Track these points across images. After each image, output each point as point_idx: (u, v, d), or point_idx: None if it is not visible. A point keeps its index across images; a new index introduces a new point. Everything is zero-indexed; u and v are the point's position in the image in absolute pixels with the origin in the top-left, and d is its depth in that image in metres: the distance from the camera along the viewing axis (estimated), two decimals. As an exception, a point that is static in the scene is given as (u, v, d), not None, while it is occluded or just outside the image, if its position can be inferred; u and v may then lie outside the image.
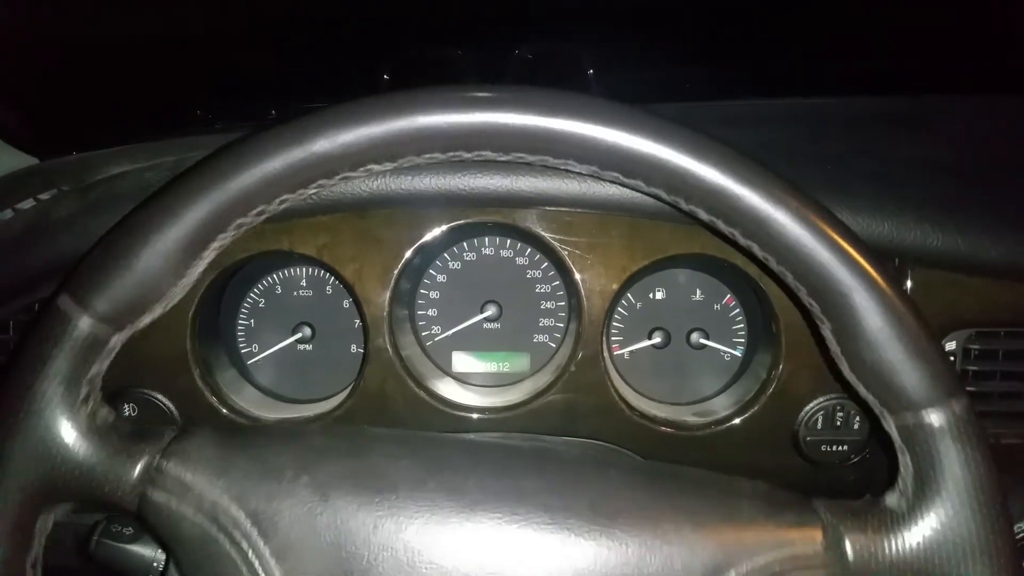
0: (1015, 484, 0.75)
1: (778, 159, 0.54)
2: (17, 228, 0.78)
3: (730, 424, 0.77)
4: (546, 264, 0.85)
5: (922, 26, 1.11)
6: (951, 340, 0.76)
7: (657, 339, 0.85)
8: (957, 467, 0.46)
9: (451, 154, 0.48)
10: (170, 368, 0.76)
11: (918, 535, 0.47)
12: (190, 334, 0.75)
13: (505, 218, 0.75)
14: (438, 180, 0.71)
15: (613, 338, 0.86)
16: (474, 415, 0.78)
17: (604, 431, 0.78)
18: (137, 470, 0.50)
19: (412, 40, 1.16)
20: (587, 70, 1.11)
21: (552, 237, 0.75)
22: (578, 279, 0.75)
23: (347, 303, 0.86)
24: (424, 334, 0.87)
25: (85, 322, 0.49)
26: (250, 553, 0.48)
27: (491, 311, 0.85)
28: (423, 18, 1.17)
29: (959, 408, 0.47)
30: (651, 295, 0.86)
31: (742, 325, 0.86)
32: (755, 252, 0.49)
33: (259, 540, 0.48)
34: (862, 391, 0.49)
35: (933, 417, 0.46)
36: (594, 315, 0.75)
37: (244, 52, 1.15)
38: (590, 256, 0.75)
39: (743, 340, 0.86)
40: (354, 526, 0.48)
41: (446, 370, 0.86)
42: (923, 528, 0.47)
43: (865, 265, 0.46)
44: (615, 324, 0.86)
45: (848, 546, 0.48)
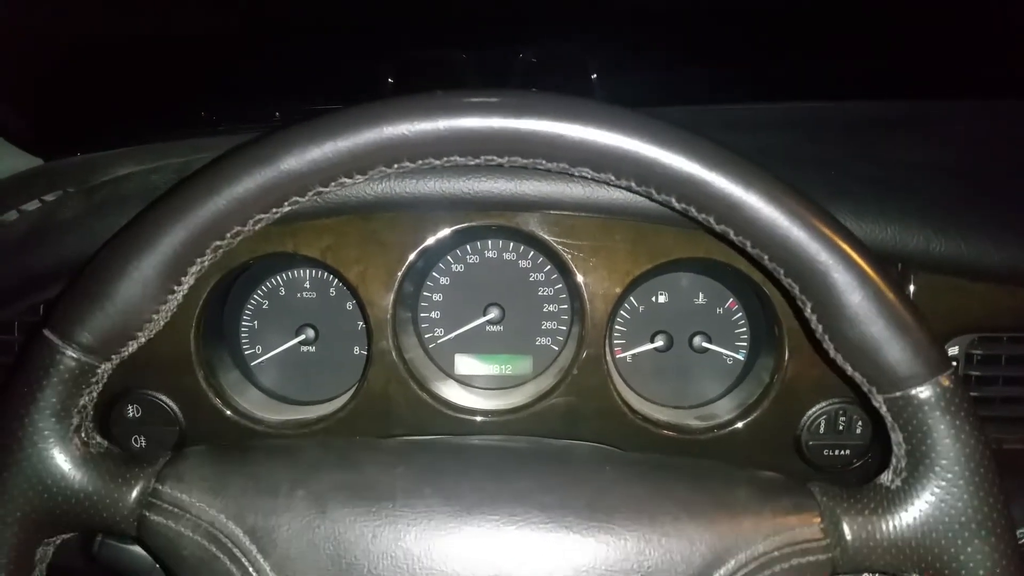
0: (1018, 489, 0.75)
1: (779, 163, 0.54)
2: (22, 229, 0.78)
3: (732, 428, 0.77)
4: (549, 267, 0.85)
5: (922, 30, 1.11)
6: (954, 345, 0.77)
7: (660, 342, 0.85)
8: (948, 441, 0.46)
9: (420, 162, 0.48)
10: (174, 369, 0.76)
11: (914, 512, 0.47)
12: (194, 335, 0.76)
13: (508, 221, 0.75)
14: (442, 183, 0.71)
15: (616, 341, 0.86)
16: (476, 418, 0.78)
17: (606, 434, 0.78)
18: (134, 495, 0.50)
19: (415, 42, 1.17)
20: (589, 74, 1.12)
21: (555, 240, 0.75)
22: (581, 282, 0.75)
23: (351, 305, 0.86)
24: (427, 336, 0.87)
25: (71, 355, 0.49)
26: (250, 569, 0.48)
27: (494, 314, 0.85)
28: (426, 20, 1.17)
29: (947, 382, 0.46)
30: (654, 298, 0.86)
31: (744, 329, 0.86)
32: (731, 237, 0.49)
33: (258, 556, 0.48)
34: (849, 370, 0.49)
35: (921, 392, 0.46)
36: (597, 318, 0.75)
37: (248, 53, 1.16)
38: (593, 259, 0.75)
39: (745, 344, 0.86)
40: (352, 536, 0.48)
41: (449, 372, 0.87)
42: (919, 505, 0.47)
43: (841, 243, 0.46)
44: (618, 327, 0.86)
45: (846, 528, 0.48)
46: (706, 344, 0.85)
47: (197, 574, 0.49)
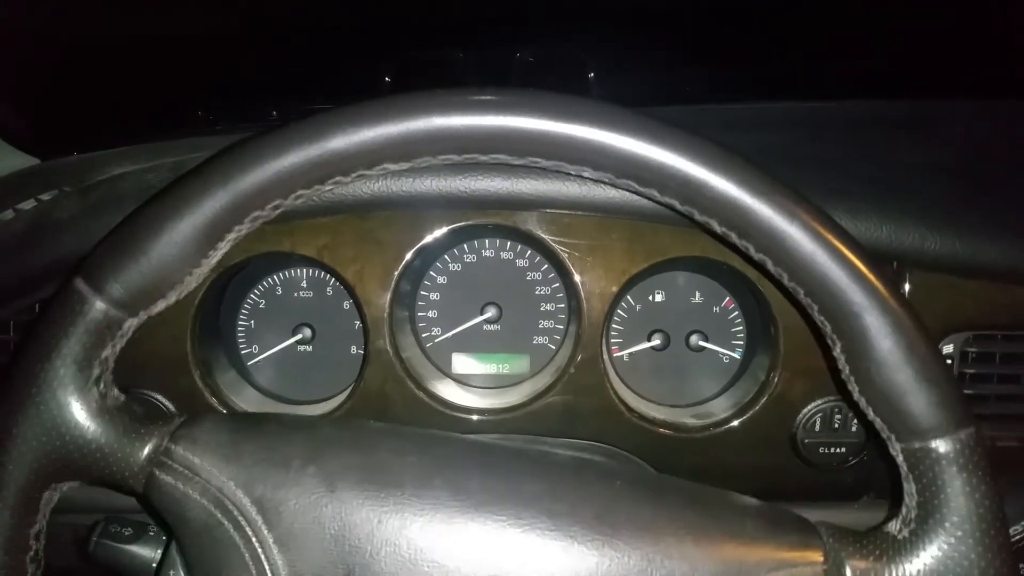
0: (1012, 486, 0.75)
1: (777, 162, 0.55)
2: (18, 228, 0.78)
3: (729, 426, 0.77)
4: (546, 266, 0.86)
5: (920, 30, 1.11)
6: (948, 343, 0.77)
7: (656, 341, 0.85)
8: (962, 498, 0.46)
9: (466, 156, 0.48)
10: (170, 369, 0.76)
11: (919, 564, 0.46)
12: (190, 335, 0.76)
13: (505, 220, 0.75)
14: (439, 182, 0.71)
15: (612, 340, 0.87)
16: (473, 416, 0.78)
17: (603, 433, 0.78)
18: (145, 451, 0.50)
19: (413, 42, 1.17)
20: (588, 73, 1.12)
21: (552, 239, 0.75)
22: (578, 281, 0.75)
23: (347, 304, 0.86)
24: (424, 335, 0.87)
25: (99, 306, 0.49)
26: (253, 540, 0.48)
27: (491, 313, 0.85)
28: (425, 20, 1.17)
29: (967, 437, 0.46)
30: (650, 297, 0.86)
31: (741, 327, 0.86)
32: (768, 267, 0.49)
33: (263, 527, 0.48)
34: (870, 414, 0.49)
35: (940, 446, 0.46)
36: (594, 317, 0.75)
37: (245, 53, 1.16)
38: (590, 258, 0.75)
39: (742, 342, 0.86)
40: (358, 519, 0.48)
41: (446, 372, 0.87)
42: (924, 558, 0.46)
43: (879, 286, 0.46)
44: (614, 326, 0.86)
45: (849, 572, 0.48)
46: (703, 343, 0.85)
47: (200, 538, 0.49)
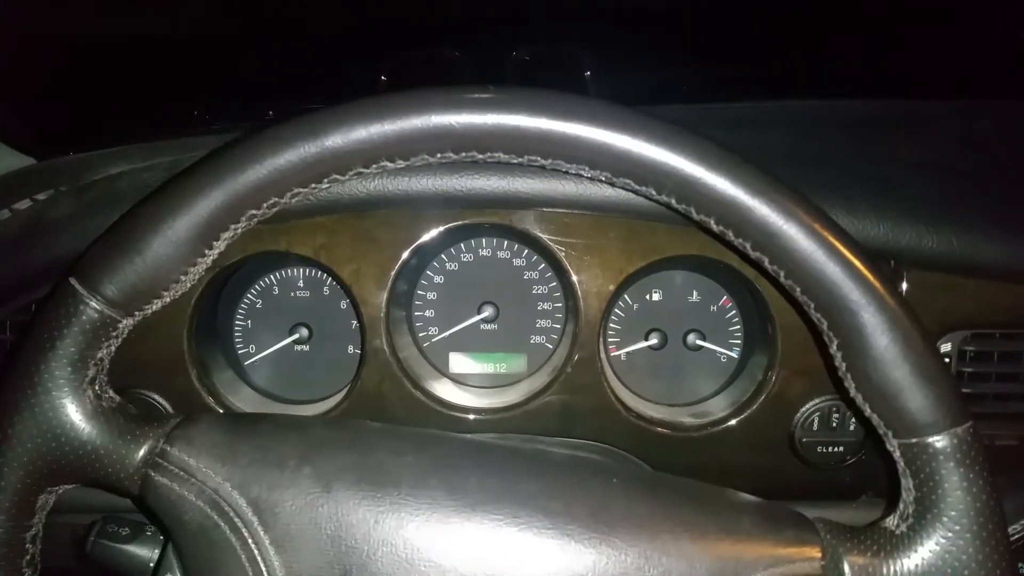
0: (1010, 486, 0.76)
1: (775, 161, 0.54)
2: (14, 228, 0.78)
3: (726, 425, 0.77)
4: (543, 265, 0.85)
5: (918, 29, 1.11)
6: (946, 342, 0.77)
7: (654, 340, 0.85)
8: (960, 493, 0.46)
9: (464, 154, 0.48)
10: (167, 369, 0.76)
11: (917, 559, 0.47)
12: (187, 335, 0.75)
13: (502, 219, 0.75)
14: (435, 181, 0.71)
15: (610, 339, 0.86)
16: (471, 416, 0.78)
17: (601, 432, 0.78)
18: (141, 453, 0.50)
19: (410, 41, 1.17)
20: (585, 72, 1.12)
21: (549, 238, 0.75)
22: (575, 280, 0.75)
23: (344, 304, 0.86)
24: (421, 335, 0.87)
25: (94, 306, 0.49)
26: (249, 541, 0.48)
27: (488, 312, 0.85)
28: (421, 19, 1.17)
29: (964, 433, 0.46)
30: (648, 296, 0.86)
31: (738, 326, 0.86)
32: (765, 265, 0.49)
33: (259, 528, 0.48)
34: (867, 411, 0.49)
35: (937, 442, 0.46)
36: (591, 316, 0.75)
37: (241, 53, 1.16)
38: (587, 257, 0.75)
39: (739, 341, 0.86)
40: (354, 520, 0.48)
41: (443, 371, 0.86)
42: (922, 553, 0.47)
43: (875, 283, 0.46)
44: (612, 325, 0.86)
45: (847, 567, 0.48)
46: (700, 342, 0.85)
47: (196, 540, 0.49)
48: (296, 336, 0.86)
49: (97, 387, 0.51)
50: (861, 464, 0.79)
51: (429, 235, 0.75)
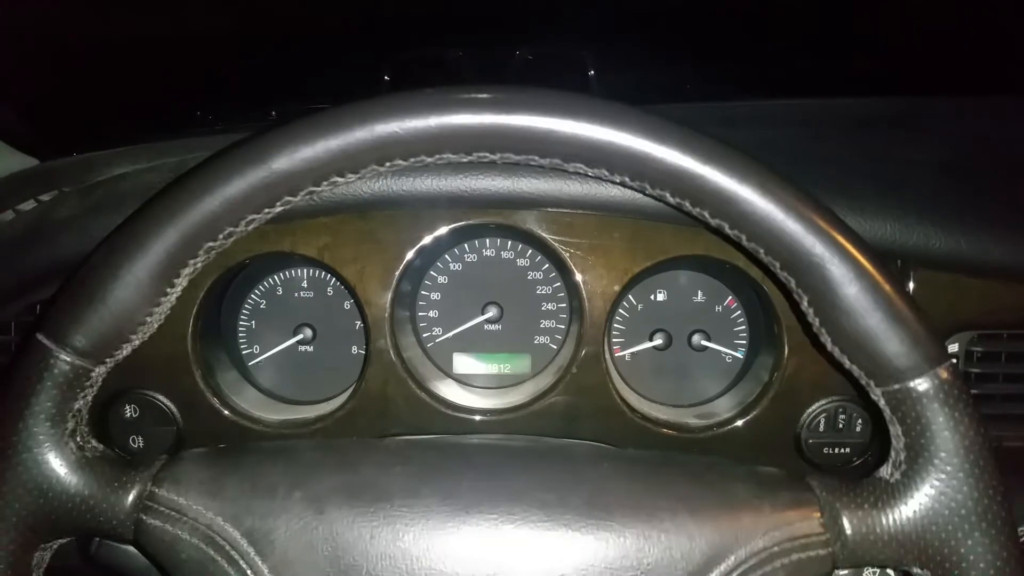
0: (1019, 487, 0.75)
1: (780, 159, 0.54)
2: (18, 229, 0.78)
3: (732, 426, 0.77)
4: (547, 265, 0.85)
5: (923, 27, 1.11)
6: (953, 342, 0.76)
7: (658, 341, 0.85)
8: (947, 433, 0.46)
9: (413, 160, 0.48)
10: (171, 369, 0.76)
11: (914, 505, 0.47)
12: (191, 335, 0.75)
13: (506, 219, 0.75)
14: (440, 181, 0.71)
15: (614, 340, 0.86)
16: (475, 417, 0.78)
17: (605, 433, 0.78)
18: (130, 498, 0.50)
19: (413, 41, 1.16)
20: (588, 71, 1.11)
21: (553, 238, 0.75)
22: (579, 280, 0.75)
23: (348, 304, 0.86)
24: (425, 335, 0.86)
25: (64, 359, 0.49)
26: (248, 572, 0.48)
27: (492, 312, 0.85)
28: (424, 19, 1.17)
29: (945, 374, 0.46)
30: (652, 297, 0.86)
31: (743, 327, 0.86)
32: (726, 232, 0.48)
33: (256, 559, 0.48)
34: (847, 363, 0.49)
35: (919, 385, 0.46)
36: (595, 317, 0.75)
37: (245, 53, 1.15)
38: (591, 257, 0.74)
39: (744, 342, 0.86)
40: (351, 538, 0.48)
41: (447, 372, 0.86)
42: (919, 498, 0.47)
43: (836, 235, 0.46)
44: (616, 326, 0.86)
45: (846, 522, 0.48)
46: (705, 342, 0.84)
47: None
48: (300, 337, 0.86)
49: (79, 438, 0.51)
50: (867, 466, 0.79)
51: (433, 235, 0.75)
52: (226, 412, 0.77)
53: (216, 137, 0.82)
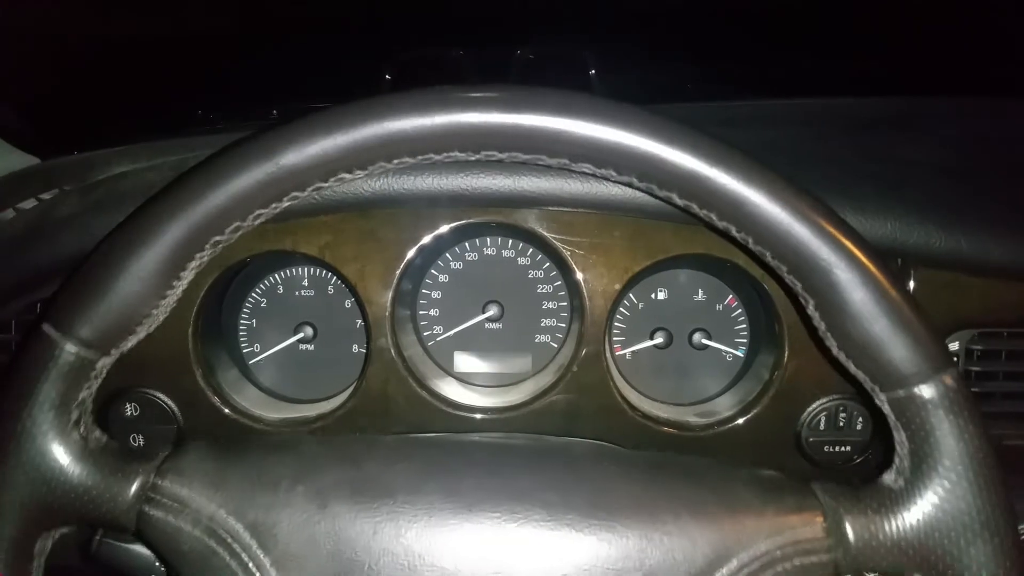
0: (1020, 486, 0.75)
1: (781, 159, 0.54)
2: (19, 228, 0.78)
3: (732, 425, 0.77)
4: (548, 264, 0.85)
5: (925, 27, 1.11)
6: (954, 341, 0.76)
7: (659, 339, 0.85)
8: (952, 440, 0.46)
9: (420, 158, 0.48)
10: (172, 368, 0.76)
11: (918, 513, 0.47)
12: (192, 334, 0.75)
13: (507, 218, 0.75)
14: (440, 180, 0.71)
15: (615, 338, 0.86)
16: (476, 415, 0.78)
17: (606, 432, 0.78)
18: (133, 489, 0.50)
19: (413, 40, 1.17)
20: (589, 71, 1.11)
21: (554, 237, 0.75)
22: (580, 279, 0.75)
23: (349, 303, 0.86)
24: (426, 334, 0.86)
25: (70, 349, 0.49)
26: (250, 565, 0.48)
27: (493, 311, 0.85)
28: (425, 18, 1.17)
29: (950, 380, 0.46)
30: (653, 295, 0.86)
31: (744, 325, 0.86)
32: (732, 234, 0.49)
33: (259, 552, 0.48)
34: (852, 368, 0.49)
35: (924, 391, 0.46)
36: (596, 315, 0.75)
37: (246, 51, 1.15)
38: (592, 256, 0.74)
39: (745, 340, 0.86)
40: (353, 533, 0.48)
41: (448, 370, 0.86)
42: (922, 505, 0.47)
43: (843, 240, 0.46)
44: (617, 324, 0.86)
45: (849, 528, 0.48)
46: (706, 341, 0.85)
47: (197, 569, 0.49)
48: (301, 335, 0.86)
49: (82, 428, 0.51)
50: (868, 464, 0.79)
51: (434, 234, 0.75)
52: (227, 411, 0.77)
53: (217, 136, 0.82)
